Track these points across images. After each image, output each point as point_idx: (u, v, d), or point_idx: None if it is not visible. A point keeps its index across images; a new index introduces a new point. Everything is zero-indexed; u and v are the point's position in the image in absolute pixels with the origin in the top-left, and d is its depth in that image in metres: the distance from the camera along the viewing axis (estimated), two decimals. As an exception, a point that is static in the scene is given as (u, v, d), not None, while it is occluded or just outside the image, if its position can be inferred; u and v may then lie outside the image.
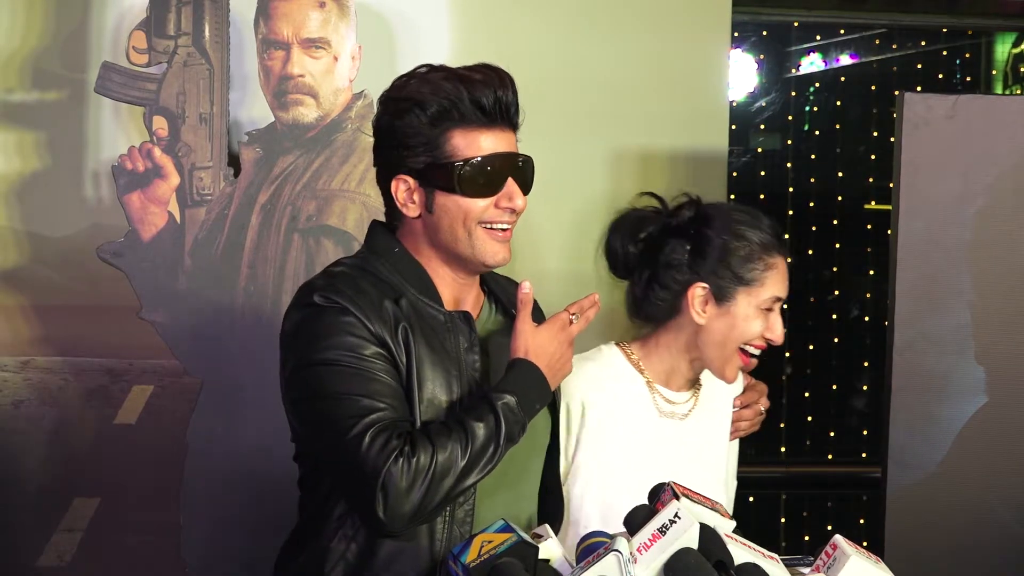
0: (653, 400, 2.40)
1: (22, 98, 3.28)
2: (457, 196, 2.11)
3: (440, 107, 2.09)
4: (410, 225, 2.18)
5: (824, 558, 1.83)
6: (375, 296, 2.08)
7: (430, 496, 1.96)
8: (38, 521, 3.28)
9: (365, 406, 1.99)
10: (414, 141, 2.10)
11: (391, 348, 2.06)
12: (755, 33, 5.30)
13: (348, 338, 2.03)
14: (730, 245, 2.32)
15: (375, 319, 2.05)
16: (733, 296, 2.32)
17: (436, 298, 2.16)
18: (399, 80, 2.16)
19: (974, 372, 3.44)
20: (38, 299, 3.28)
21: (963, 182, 3.42)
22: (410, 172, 2.12)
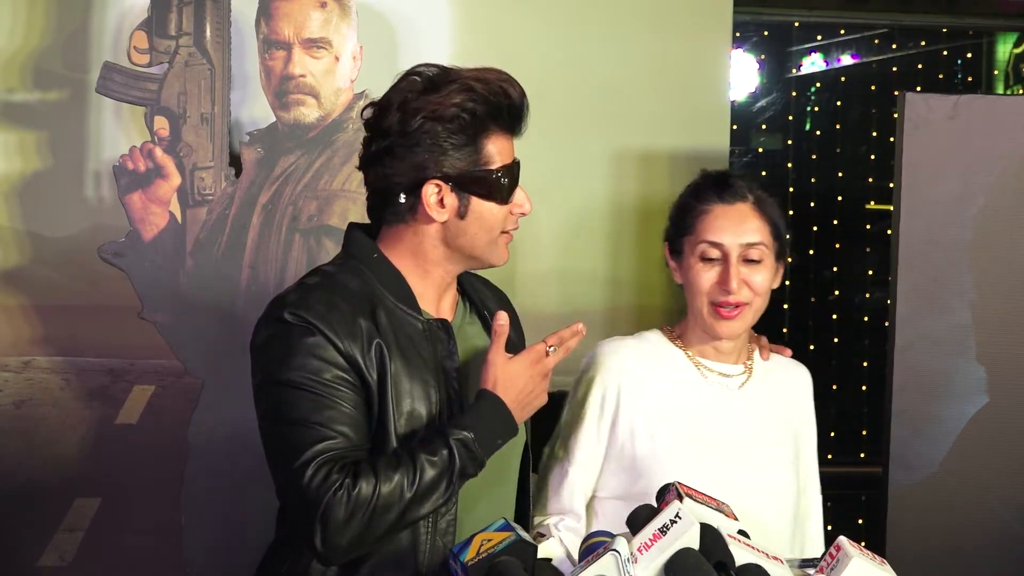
0: (695, 367, 2.43)
1: (23, 98, 3.28)
2: (492, 203, 2.13)
3: (484, 112, 2.09)
4: (415, 228, 2.16)
5: (828, 559, 1.83)
6: (348, 312, 2.06)
7: (371, 528, 1.97)
8: (39, 521, 3.28)
9: (315, 436, 1.99)
10: (455, 146, 2.09)
11: (361, 367, 2.05)
12: (756, 33, 5.31)
13: (312, 360, 2.02)
14: (679, 200, 2.45)
15: (346, 337, 2.04)
16: (682, 247, 2.41)
17: (414, 305, 2.15)
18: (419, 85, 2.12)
19: (975, 372, 3.44)
20: (39, 299, 3.28)
21: (964, 182, 3.42)
22: (445, 176, 2.10)
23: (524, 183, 2.21)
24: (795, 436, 2.49)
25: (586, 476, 2.39)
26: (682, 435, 2.35)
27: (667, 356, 2.43)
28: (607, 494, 2.38)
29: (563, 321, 3.41)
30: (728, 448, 2.36)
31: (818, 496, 2.56)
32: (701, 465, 2.31)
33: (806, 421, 2.54)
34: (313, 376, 2.02)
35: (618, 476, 2.36)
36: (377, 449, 2.05)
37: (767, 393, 2.46)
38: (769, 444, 2.43)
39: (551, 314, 3.45)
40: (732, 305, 2.35)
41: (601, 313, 3.45)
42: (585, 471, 2.39)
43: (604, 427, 2.38)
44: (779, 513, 2.40)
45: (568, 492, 2.38)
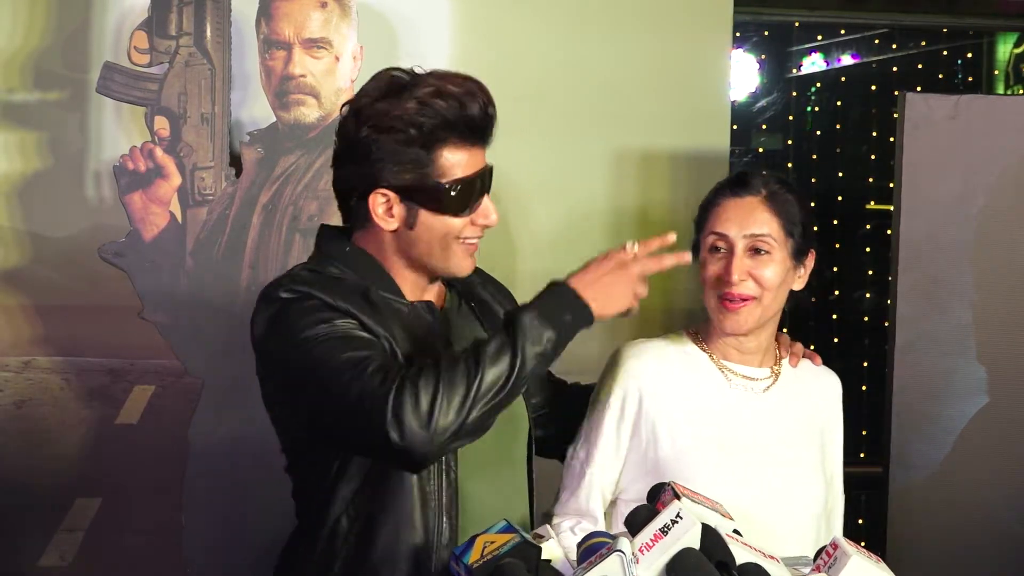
0: (720, 371, 2.39)
1: (24, 98, 3.28)
2: (443, 216, 2.10)
3: (432, 127, 2.06)
4: (377, 235, 2.15)
5: (825, 558, 1.83)
6: (339, 291, 2.06)
7: (443, 411, 1.91)
8: (39, 521, 3.28)
9: (352, 360, 1.96)
10: (401, 159, 2.07)
11: (364, 322, 2.03)
12: (756, 33, 5.31)
13: (318, 316, 2.01)
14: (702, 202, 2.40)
15: (342, 301, 2.03)
16: (698, 243, 2.38)
17: (397, 291, 2.14)
18: (377, 91, 2.10)
19: (975, 372, 3.44)
20: (39, 299, 3.28)
21: (964, 182, 3.42)
22: (391, 187, 2.09)
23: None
24: (821, 439, 2.50)
25: (605, 479, 2.37)
26: (704, 437, 2.32)
27: (691, 358, 2.40)
28: (630, 497, 2.37)
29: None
30: (752, 450, 2.34)
31: (841, 500, 2.58)
32: (725, 467, 2.29)
33: (833, 426, 2.55)
34: (325, 326, 2.00)
35: (641, 480, 2.33)
36: None
37: (793, 397, 2.45)
38: (794, 446, 2.42)
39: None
40: (736, 297, 2.32)
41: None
42: (603, 474, 2.37)
43: (624, 431, 2.35)
44: (805, 514, 2.40)
45: (585, 495, 2.36)
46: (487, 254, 3.37)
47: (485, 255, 3.39)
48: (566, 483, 2.41)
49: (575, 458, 2.40)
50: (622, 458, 2.36)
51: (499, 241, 3.38)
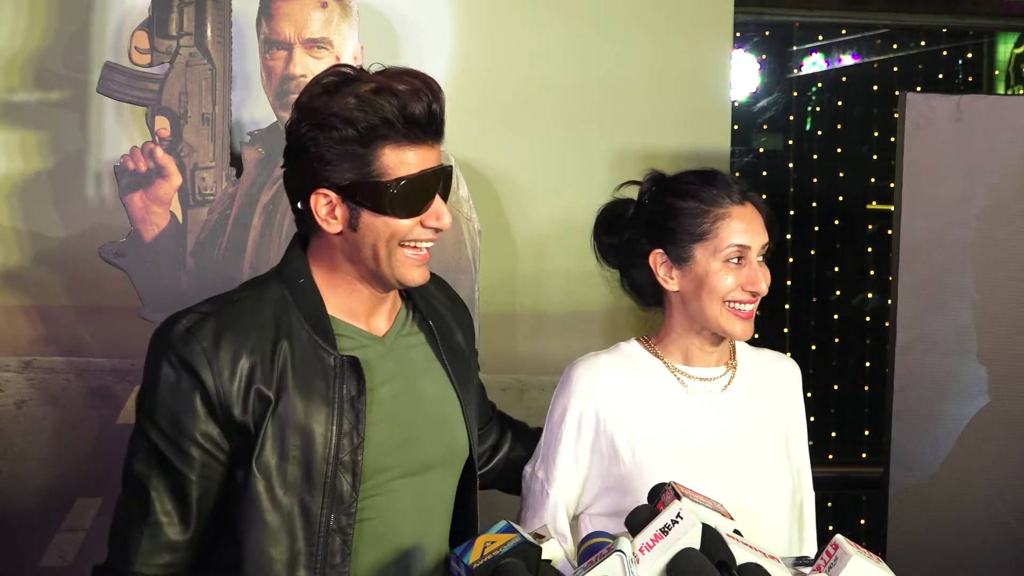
0: (676, 379, 2.38)
1: (24, 98, 3.28)
2: (386, 216, 2.02)
3: (371, 124, 1.99)
4: (327, 239, 2.08)
5: (825, 558, 1.83)
6: (234, 351, 2.00)
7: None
8: (40, 521, 3.28)
9: (130, 524, 2.03)
10: (340, 157, 2.00)
11: (233, 415, 1.99)
12: (757, 33, 5.30)
13: (180, 416, 2.00)
14: (675, 205, 2.34)
15: (226, 380, 1.99)
16: (691, 254, 2.32)
17: (330, 340, 2.05)
18: (319, 87, 2.05)
19: (976, 372, 3.44)
20: (40, 299, 3.28)
21: (965, 182, 3.42)
22: (332, 187, 2.02)
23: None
24: (785, 432, 2.47)
25: (567, 497, 2.36)
26: (664, 448, 2.31)
27: (645, 368, 2.39)
28: (597, 511, 2.36)
29: (565, 321, 3.44)
30: (714, 454, 2.33)
31: (811, 492, 2.53)
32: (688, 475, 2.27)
33: (795, 415, 2.50)
34: (170, 439, 2.00)
35: (606, 495, 2.33)
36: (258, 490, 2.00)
37: (752, 390, 2.43)
38: (758, 445, 2.40)
39: (552, 314, 3.46)
40: (750, 304, 2.33)
41: (601, 313, 3.45)
42: (566, 492, 2.35)
43: (583, 449, 2.34)
44: (776, 513, 2.38)
45: (551, 515, 2.34)
46: (488, 254, 3.40)
47: (486, 255, 3.41)
48: (528, 503, 2.40)
49: (535, 478, 2.39)
50: (582, 476, 2.35)
51: (500, 241, 3.39)
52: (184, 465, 1.99)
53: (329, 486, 2.01)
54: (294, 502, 2.00)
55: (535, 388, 3.38)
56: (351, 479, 2.02)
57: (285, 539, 2.00)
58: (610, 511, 2.32)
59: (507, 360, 3.42)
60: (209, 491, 2.01)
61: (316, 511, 2.01)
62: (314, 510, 2.01)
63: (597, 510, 2.36)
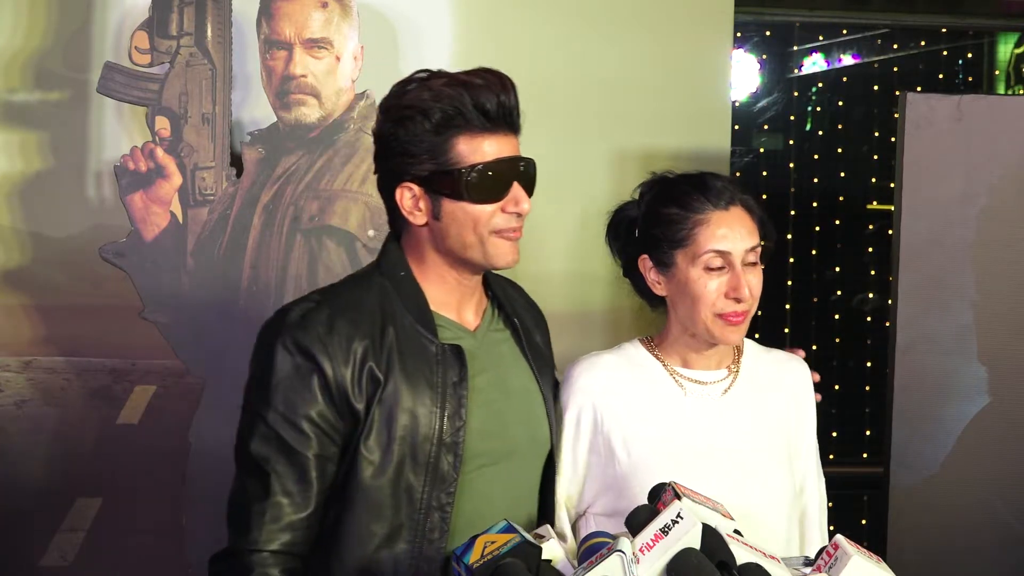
0: (675, 382, 2.37)
1: (25, 98, 3.28)
2: (464, 203, 2.11)
3: (444, 113, 2.09)
4: (415, 232, 2.18)
5: (825, 558, 1.82)
6: (348, 334, 2.09)
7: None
8: (41, 521, 3.28)
9: (248, 504, 2.10)
10: (418, 148, 2.10)
11: (349, 397, 2.08)
12: (758, 33, 5.31)
13: (296, 398, 2.08)
14: (658, 211, 2.33)
15: (340, 363, 2.08)
16: (673, 260, 2.32)
17: (431, 328, 2.16)
18: (398, 86, 2.15)
19: (976, 372, 3.44)
20: (40, 299, 3.28)
21: (965, 182, 3.42)
22: (415, 179, 2.12)
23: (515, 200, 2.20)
24: (788, 435, 2.44)
25: (568, 495, 2.35)
26: (660, 450, 2.30)
27: (644, 369, 2.38)
28: (598, 511, 2.36)
29: (566, 321, 3.44)
30: (710, 457, 2.32)
31: (818, 494, 2.49)
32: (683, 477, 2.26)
33: (803, 417, 2.47)
34: (291, 419, 2.07)
35: (604, 494, 2.33)
36: (364, 469, 2.09)
37: (755, 393, 2.41)
38: (757, 448, 2.38)
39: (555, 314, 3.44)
40: (739, 311, 2.30)
41: (604, 313, 3.45)
42: (567, 492, 2.35)
43: (581, 448, 2.34)
44: (774, 515, 2.36)
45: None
46: (488, 254, 3.40)
47: (486, 255, 3.41)
48: None
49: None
50: (581, 475, 2.35)
51: (500, 241, 3.39)
52: (302, 445, 2.07)
53: (432, 465, 2.11)
54: (399, 480, 2.10)
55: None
56: (452, 459, 2.12)
57: (388, 514, 2.11)
58: (608, 511, 2.32)
59: (507, 360, 3.42)
60: (326, 470, 2.09)
61: (419, 489, 2.11)
62: (417, 488, 2.11)
63: (599, 509, 2.35)
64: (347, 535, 2.11)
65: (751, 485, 2.33)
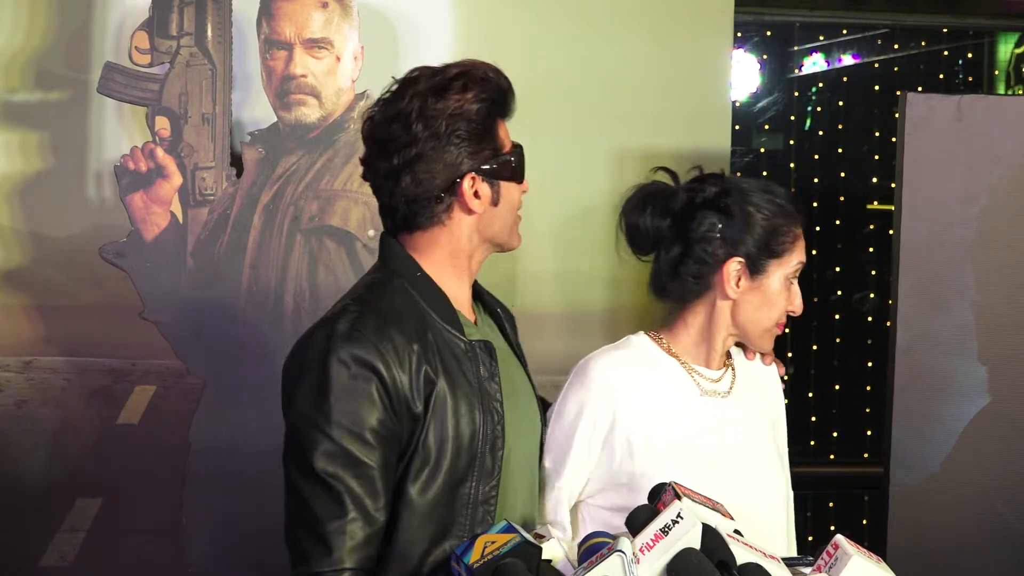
0: (693, 380, 2.36)
1: (25, 98, 3.28)
2: (514, 185, 2.18)
3: (492, 101, 2.14)
4: (448, 226, 2.16)
5: (825, 558, 1.83)
6: (401, 340, 2.07)
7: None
8: (41, 521, 3.28)
9: (321, 530, 2.02)
10: (479, 138, 2.13)
11: (408, 402, 2.06)
12: (758, 33, 5.30)
13: (359, 410, 2.04)
14: (764, 219, 2.33)
15: (396, 368, 2.05)
16: (766, 269, 2.34)
17: (458, 326, 2.16)
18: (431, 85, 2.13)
19: (977, 372, 3.44)
20: (41, 299, 3.28)
21: (966, 182, 3.42)
22: (474, 169, 2.13)
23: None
24: (775, 434, 2.48)
25: (572, 491, 2.35)
26: (680, 448, 2.30)
27: (660, 366, 2.37)
28: (599, 503, 2.35)
29: (565, 321, 3.44)
30: (723, 455, 2.32)
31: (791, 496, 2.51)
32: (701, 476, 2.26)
33: (780, 414, 2.51)
34: (355, 432, 2.03)
35: (614, 490, 2.31)
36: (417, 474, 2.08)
37: (748, 391, 2.43)
38: (760, 446, 2.41)
39: (553, 314, 3.46)
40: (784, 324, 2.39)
41: (602, 313, 3.45)
42: (570, 487, 2.33)
43: (595, 445, 2.31)
44: (777, 513, 2.39)
45: (553, 505, 2.32)
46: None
47: (486, 255, 3.41)
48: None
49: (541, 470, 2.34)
50: (589, 469, 2.33)
51: (500, 241, 3.39)
52: (370, 457, 2.04)
53: (479, 461, 2.12)
54: (451, 478, 2.10)
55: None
56: (494, 454, 2.14)
57: (440, 512, 2.10)
58: (616, 506, 2.29)
59: (507, 360, 3.42)
60: (390, 479, 2.08)
61: (468, 484, 2.12)
62: (466, 484, 2.11)
63: (599, 502, 2.34)
64: (401, 534, 2.08)
65: (758, 482, 2.36)
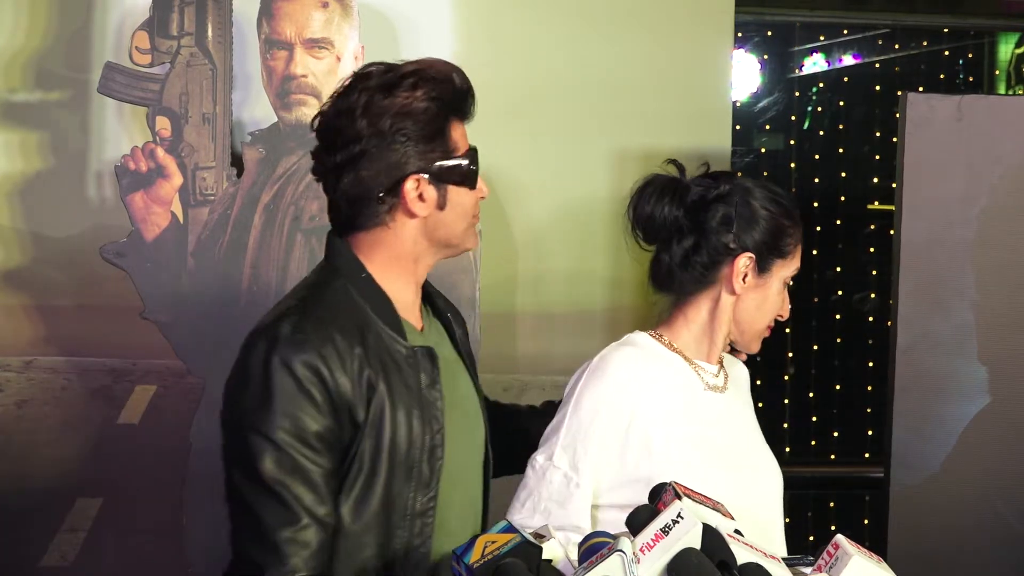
0: (697, 375, 2.36)
1: (25, 98, 3.28)
2: (464, 189, 2.13)
3: (444, 102, 2.09)
4: (391, 228, 2.12)
5: (826, 558, 1.82)
6: (343, 343, 2.03)
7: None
8: (41, 521, 3.28)
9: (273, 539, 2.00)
10: (426, 139, 2.08)
11: (351, 407, 2.02)
12: (758, 33, 5.31)
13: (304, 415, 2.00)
14: (774, 218, 2.35)
15: (339, 372, 2.02)
16: (771, 268, 2.35)
17: (401, 331, 2.11)
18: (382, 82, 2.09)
19: (977, 372, 3.44)
20: (41, 299, 3.28)
21: (966, 182, 3.42)
22: (420, 171, 2.09)
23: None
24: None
25: (590, 491, 2.34)
26: (694, 443, 2.29)
27: (667, 362, 2.36)
28: (609, 502, 2.32)
29: (566, 321, 3.44)
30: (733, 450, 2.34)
31: None
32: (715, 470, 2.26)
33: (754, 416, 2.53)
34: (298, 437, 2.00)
35: (628, 488, 2.27)
36: (353, 483, 2.04)
37: (737, 389, 2.45)
38: (758, 439, 2.43)
39: (555, 314, 3.46)
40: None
41: (603, 313, 3.45)
42: (589, 487, 2.30)
43: (613, 444, 2.28)
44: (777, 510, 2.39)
45: (576, 509, 2.27)
46: (488, 254, 3.40)
47: (486, 255, 3.41)
48: (541, 493, 2.30)
49: (553, 469, 2.30)
50: (603, 469, 2.30)
51: (500, 241, 3.39)
52: (317, 463, 2.01)
53: (417, 471, 2.08)
54: (387, 489, 2.06)
55: (536, 388, 3.37)
56: (432, 464, 2.10)
57: (378, 524, 2.07)
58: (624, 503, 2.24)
59: (508, 360, 3.42)
60: (335, 484, 2.05)
61: (406, 495, 2.08)
62: (405, 494, 2.08)
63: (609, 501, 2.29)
64: (343, 547, 2.06)
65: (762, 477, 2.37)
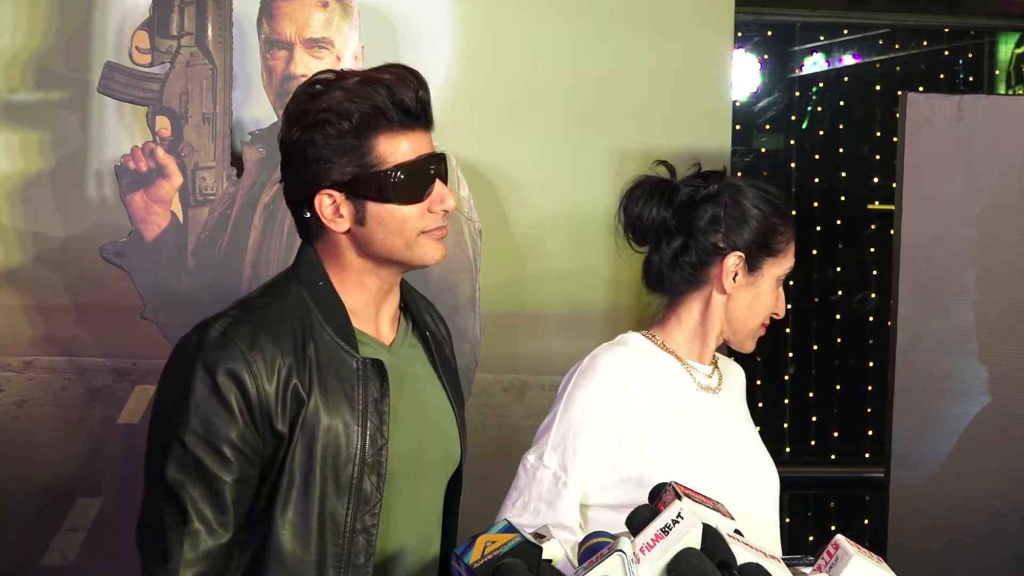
0: (689, 375, 2.37)
1: (25, 98, 3.28)
2: (391, 205, 2.02)
3: (363, 113, 1.99)
4: (334, 240, 2.08)
5: (826, 558, 1.82)
6: (272, 351, 1.99)
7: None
8: (41, 521, 3.28)
9: (167, 540, 1.98)
10: (338, 153, 2.00)
11: (271, 417, 1.98)
12: (758, 33, 5.31)
13: (217, 421, 1.97)
14: (764, 217, 2.34)
15: (264, 380, 1.98)
16: (761, 267, 2.34)
17: (352, 341, 2.06)
18: (303, 90, 2.05)
19: (977, 372, 3.45)
20: (41, 299, 3.28)
21: (966, 182, 3.43)
22: (335, 185, 2.02)
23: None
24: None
25: (582, 490, 2.34)
26: (685, 443, 2.30)
27: (660, 363, 2.37)
28: (600, 502, 2.32)
29: (566, 321, 3.44)
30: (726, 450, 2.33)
31: None
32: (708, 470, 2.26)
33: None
34: (208, 444, 1.97)
35: (619, 488, 2.29)
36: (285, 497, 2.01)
37: (731, 389, 2.45)
38: (754, 440, 2.43)
39: (553, 314, 3.46)
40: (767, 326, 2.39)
41: (602, 313, 3.45)
42: (579, 487, 2.31)
43: (606, 444, 2.29)
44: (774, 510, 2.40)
45: (564, 509, 2.28)
46: (489, 254, 3.40)
47: (486, 255, 3.41)
48: (531, 492, 2.31)
49: (543, 468, 2.31)
50: (593, 469, 2.30)
51: (501, 241, 3.39)
52: (221, 469, 1.97)
53: (356, 487, 2.02)
54: (323, 503, 2.01)
55: (536, 387, 3.38)
56: (375, 480, 2.04)
57: (314, 539, 2.02)
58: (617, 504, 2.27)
59: (508, 360, 3.42)
60: (245, 495, 2.00)
61: (343, 512, 2.03)
62: (341, 511, 2.02)
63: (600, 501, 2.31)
64: (274, 562, 2.01)
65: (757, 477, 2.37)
